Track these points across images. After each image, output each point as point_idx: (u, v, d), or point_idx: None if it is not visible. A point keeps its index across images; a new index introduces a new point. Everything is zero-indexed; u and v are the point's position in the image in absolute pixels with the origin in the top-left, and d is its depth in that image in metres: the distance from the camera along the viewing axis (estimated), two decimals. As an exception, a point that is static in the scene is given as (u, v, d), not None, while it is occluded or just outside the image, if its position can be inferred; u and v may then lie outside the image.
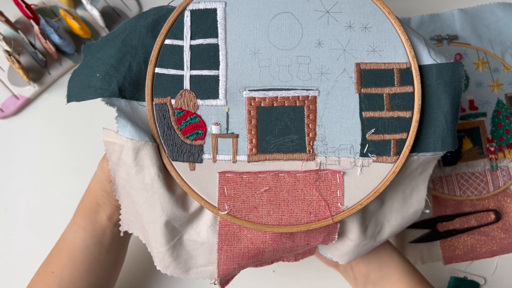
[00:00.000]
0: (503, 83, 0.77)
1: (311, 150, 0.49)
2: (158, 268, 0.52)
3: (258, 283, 0.72)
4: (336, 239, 0.52)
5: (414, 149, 0.50)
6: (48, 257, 0.58)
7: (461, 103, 0.75)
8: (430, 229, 0.74)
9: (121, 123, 0.47)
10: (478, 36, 0.79)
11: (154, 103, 0.49)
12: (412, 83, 0.49)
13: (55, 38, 0.72)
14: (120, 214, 0.54)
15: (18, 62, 0.70)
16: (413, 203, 0.54)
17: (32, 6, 0.75)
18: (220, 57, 0.49)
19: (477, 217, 0.75)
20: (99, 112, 0.56)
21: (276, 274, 0.73)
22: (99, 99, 0.48)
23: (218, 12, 0.49)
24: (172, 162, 0.48)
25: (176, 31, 0.49)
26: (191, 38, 0.49)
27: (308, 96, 0.49)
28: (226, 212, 0.48)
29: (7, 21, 0.73)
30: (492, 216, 0.75)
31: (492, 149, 0.75)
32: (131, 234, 0.58)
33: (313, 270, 0.73)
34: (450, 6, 0.81)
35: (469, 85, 0.77)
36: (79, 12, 0.79)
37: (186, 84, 0.49)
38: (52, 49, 0.72)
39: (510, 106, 0.76)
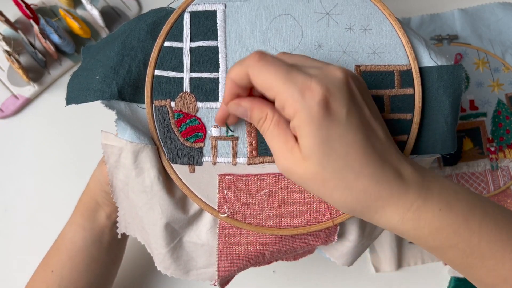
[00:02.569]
0: (503, 83, 0.77)
1: (311, 153, 0.49)
2: (158, 269, 0.52)
3: (258, 283, 0.72)
4: (336, 240, 0.52)
5: (414, 151, 0.50)
6: (46, 256, 0.58)
7: (461, 103, 0.75)
8: (430, 229, 0.74)
9: (121, 126, 0.47)
10: (478, 36, 0.79)
11: (153, 105, 0.49)
12: (412, 85, 0.49)
13: (55, 38, 0.72)
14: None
15: (18, 62, 0.70)
16: None
17: (32, 6, 0.75)
18: (220, 60, 0.49)
19: (477, 217, 0.75)
20: (99, 112, 0.56)
21: (276, 274, 0.73)
22: (99, 101, 0.48)
23: (217, 14, 0.49)
24: (172, 164, 0.48)
25: (175, 33, 0.49)
26: (191, 40, 0.49)
27: (308, 99, 0.49)
28: (226, 214, 0.48)
29: (7, 21, 0.73)
30: (492, 216, 0.74)
31: (493, 149, 0.75)
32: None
33: (313, 270, 0.73)
34: (450, 6, 0.81)
35: (470, 85, 0.77)
36: (79, 12, 0.79)
37: (186, 87, 0.49)
38: (52, 49, 0.72)
39: (510, 106, 0.76)
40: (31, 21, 0.72)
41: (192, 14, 0.49)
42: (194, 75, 0.49)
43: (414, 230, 0.39)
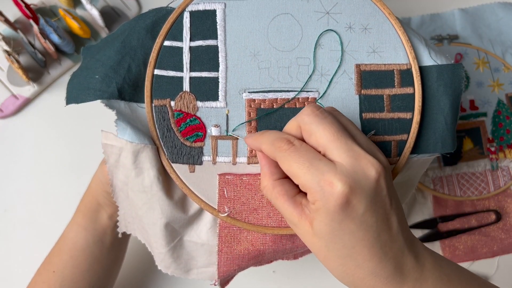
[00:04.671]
0: (503, 83, 0.77)
1: (311, 152, 0.49)
2: (159, 268, 0.52)
3: (258, 283, 0.72)
4: None
5: (414, 150, 0.50)
6: (48, 256, 0.58)
7: (461, 103, 0.75)
8: (430, 229, 0.74)
9: (121, 126, 0.47)
10: (478, 36, 0.79)
11: (153, 105, 0.48)
12: (412, 84, 0.49)
13: (55, 37, 0.72)
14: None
15: (18, 62, 0.70)
16: (401, 197, 0.54)
17: (31, 6, 0.75)
18: (220, 59, 0.49)
19: (477, 217, 0.75)
20: (99, 112, 0.56)
21: (276, 274, 0.73)
22: (99, 100, 0.48)
23: (217, 13, 0.49)
24: (172, 164, 0.48)
25: (175, 33, 0.49)
26: (191, 40, 0.49)
27: (308, 98, 0.49)
28: (226, 214, 0.48)
29: (7, 20, 0.73)
30: (493, 216, 0.75)
31: (493, 149, 0.75)
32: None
33: (313, 270, 0.73)
34: (450, 6, 0.81)
35: (470, 85, 0.77)
36: (79, 12, 0.79)
37: (186, 86, 0.49)
38: (51, 48, 0.72)
39: (510, 106, 0.76)
40: (31, 21, 0.72)
41: (192, 13, 0.49)
42: (194, 74, 0.49)
43: None
